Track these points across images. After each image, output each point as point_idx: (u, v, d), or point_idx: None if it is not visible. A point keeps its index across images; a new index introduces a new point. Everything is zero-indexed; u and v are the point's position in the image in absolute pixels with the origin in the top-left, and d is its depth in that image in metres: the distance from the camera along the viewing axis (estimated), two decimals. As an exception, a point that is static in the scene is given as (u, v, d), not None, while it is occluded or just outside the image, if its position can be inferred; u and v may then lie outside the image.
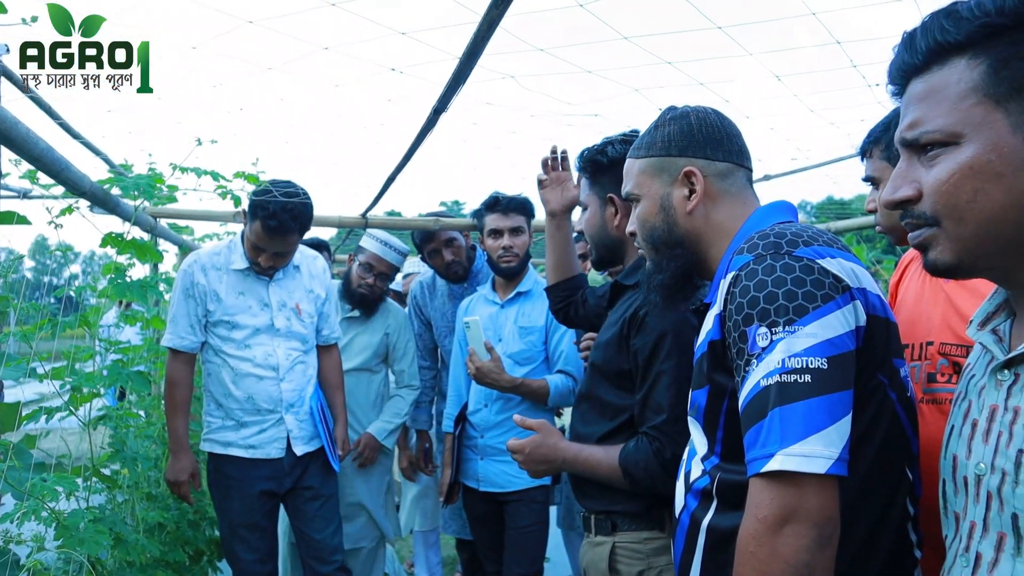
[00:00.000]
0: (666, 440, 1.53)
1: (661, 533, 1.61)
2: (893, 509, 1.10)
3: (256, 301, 2.65)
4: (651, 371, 1.59)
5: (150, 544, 2.13)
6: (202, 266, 2.65)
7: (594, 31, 2.23)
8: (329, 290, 2.88)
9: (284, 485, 2.68)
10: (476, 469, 2.73)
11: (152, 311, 3.28)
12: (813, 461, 0.94)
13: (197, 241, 3.96)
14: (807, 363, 0.98)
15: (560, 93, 3.11)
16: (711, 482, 1.17)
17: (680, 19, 2.34)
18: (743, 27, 2.33)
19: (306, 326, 2.74)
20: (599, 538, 1.67)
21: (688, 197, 1.29)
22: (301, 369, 2.71)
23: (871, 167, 1.57)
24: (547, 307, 2.75)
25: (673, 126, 1.33)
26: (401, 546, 4.73)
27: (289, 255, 2.65)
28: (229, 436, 2.64)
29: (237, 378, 2.61)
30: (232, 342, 2.62)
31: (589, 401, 1.76)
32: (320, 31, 2.71)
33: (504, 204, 2.81)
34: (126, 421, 2.57)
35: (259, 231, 2.51)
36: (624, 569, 1.61)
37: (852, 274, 1.06)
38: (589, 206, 1.88)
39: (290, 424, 2.66)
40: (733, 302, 1.08)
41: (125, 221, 2.57)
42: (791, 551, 0.94)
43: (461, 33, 1.60)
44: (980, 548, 0.81)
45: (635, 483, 1.58)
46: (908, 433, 1.12)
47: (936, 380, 1.40)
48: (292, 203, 2.48)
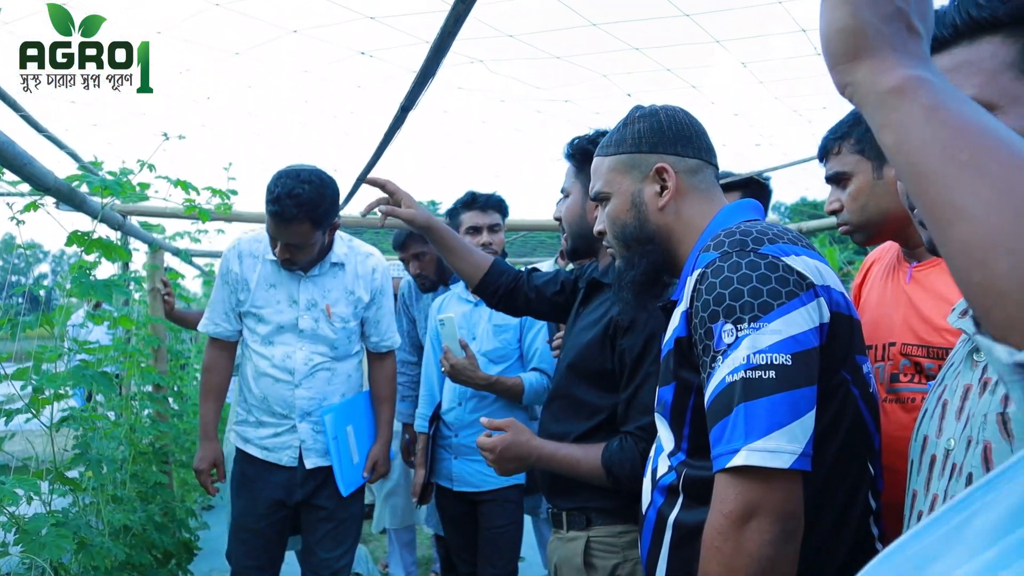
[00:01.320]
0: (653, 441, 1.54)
1: (635, 526, 1.61)
2: (855, 503, 1.11)
3: (285, 296, 2.49)
4: (639, 372, 1.59)
5: (116, 547, 2.09)
6: (239, 252, 2.52)
7: (563, 17, 2.23)
8: (379, 293, 2.63)
9: (295, 496, 2.53)
10: (450, 468, 2.73)
11: (122, 310, 3.23)
12: (777, 456, 0.95)
13: (168, 239, 3.91)
14: (772, 359, 0.98)
15: (529, 78, 3.12)
16: (677, 478, 1.18)
17: (649, 6, 2.34)
18: (712, 15, 2.35)
19: (336, 331, 2.52)
20: (572, 533, 1.67)
21: (660, 193, 1.30)
22: (325, 377, 2.52)
23: (839, 163, 1.53)
24: None
25: (643, 123, 1.34)
26: (375, 546, 4.71)
27: (307, 248, 2.40)
28: (249, 432, 2.54)
29: (257, 375, 2.50)
30: (257, 336, 2.50)
31: (563, 400, 1.76)
32: (288, 14, 2.67)
33: (482, 201, 2.83)
34: (93, 423, 2.53)
35: (267, 217, 2.35)
36: (599, 563, 1.62)
37: (816, 271, 1.07)
38: (572, 194, 1.87)
39: (303, 434, 2.49)
40: (699, 299, 1.08)
41: (92, 219, 2.52)
42: (755, 545, 0.95)
43: (431, 20, 1.60)
44: None
45: (618, 482, 1.57)
46: (870, 428, 1.14)
47: (899, 380, 1.42)
48: (298, 188, 2.27)
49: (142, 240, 3.51)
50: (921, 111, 0.55)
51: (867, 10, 0.59)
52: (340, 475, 2.54)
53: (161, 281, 3.53)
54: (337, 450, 2.53)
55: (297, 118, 4.30)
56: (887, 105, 0.57)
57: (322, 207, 2.32)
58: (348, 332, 2.56)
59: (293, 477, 2.51)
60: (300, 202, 2.26)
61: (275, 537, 2.55)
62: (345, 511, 2.59)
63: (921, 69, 0.58)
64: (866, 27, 0.59)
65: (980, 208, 0.49)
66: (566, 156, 1.91)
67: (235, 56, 2.24)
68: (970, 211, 0.50)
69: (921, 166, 0.54)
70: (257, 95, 3.17)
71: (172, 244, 3.99)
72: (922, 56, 0.59)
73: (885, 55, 0.58)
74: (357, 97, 3.86)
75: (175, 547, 2.93)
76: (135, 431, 3.00)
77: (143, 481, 2.95)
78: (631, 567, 1.59)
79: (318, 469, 2.53)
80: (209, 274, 5.84)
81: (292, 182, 2.28)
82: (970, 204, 0.50)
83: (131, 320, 3.04)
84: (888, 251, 1.62)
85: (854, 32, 0.59)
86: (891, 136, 0.56)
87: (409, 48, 2.15)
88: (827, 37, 0.61)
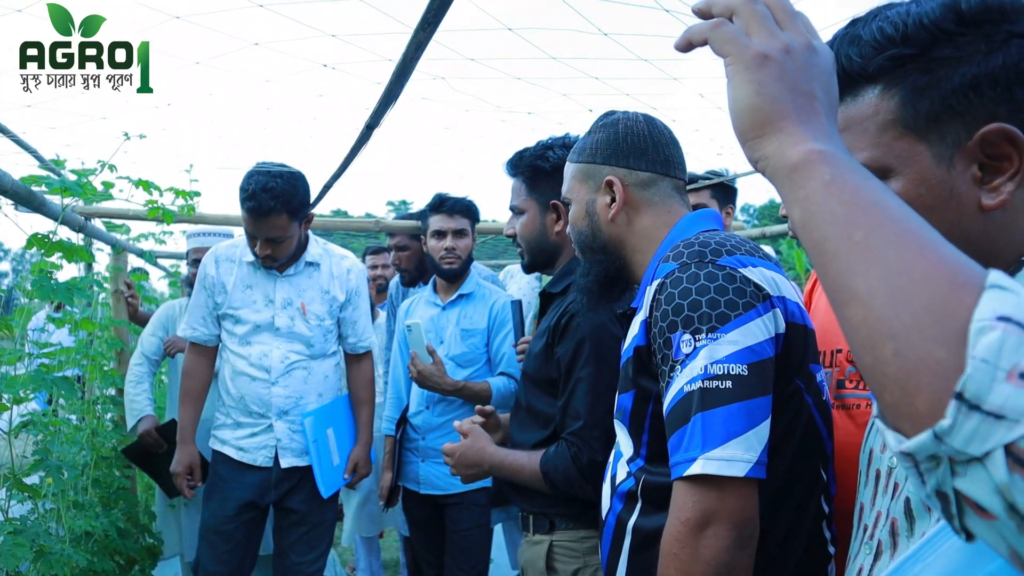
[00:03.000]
0: (583, 446, 1.56)
1: (597, 532, 1.63)
2: (809, 508, 1.14)
3: (261, 296, 2.53)
4: (571, 378, 1.62)
5: (76, 554, 2.06)
6: (216, 258, 2.56)
7: (522, 48, 2.26)
8: (354, 294, 2.67)
9: (267, 498, 2.53)
10: (417, 471, 2.72)
11: (85, 312, 3.18)
12: (733, 465, 0.97)
13: (133, 241, 3.85)
14: (728, 370, 1.01)
15: (491, 96, 3.14)
16: (636, 484, 1.20)
17: (609, 44, 2.37)
18: (671, 53, 2.39)
19: (311, 328, 2.55)
20: (537, 536, 1.69)
21: (609, 205, 1.32)
22: (301, 376, 2.54)
23: None
24: (489, 309, 2.77)
25: (601, 134, 1.36)
26: (343, 549, 4.69)
27: (286, 242, 2.44)
28: (226, 434, 2.55)
29: (234, 375, 2.52)
30: (235, 337, 2.53)
31: (523, 410, 1.78)
32: (249, 28, 2.66)
33: (449, 205, 2.81)
34: (54, 428, 2.49)
35: (244, 215, 2.40)
36: (561, 567, 1.64)
37: (773, 283, 1.10)
38: (527, 211, 1.89)
39: (279, 432, 2.51)
40: (658, 309, 1.10)
41: (53, 220, 2.48)
42: (712, 552, 0.97)
43: (392, 40, 1.61)
44: (882, 535, 0.83)
45: (555, 487, 1.60)
46: (823, 435, 1.16)
47: (845, 387, 1.45)
48: (271, 182, 2.34)
49: (105, 242, 3.46)
50: (822, 187, 0.55)
51: (772, 86, 0.60)
52: (321, 477, 2.55)
53: (124, 283, 3.48)
54: (318, 452, 2.54)
55: (260, 124, 4.27)
56: (793, 181, 0.57)
57: (297, 198, 2.40)
58: (324, 330, 2.59)
59: (268, 478, 2.52)
60: (275, 195, 2.33)
61: (244, 542, 2.53)
62: (319, 515, 2.60)
63: (824, 143, 0.58)
64: (772, 103, 0.59)
65: (868, 291, 0.49)
66: (511, 174, 1.92)
67: (195, 65, 2.23)
68: (860, 293, 0.49)
69: (822, 244, 0.53)
70: (219, 102, 3.15)
71: (136, 246, 3.93)
72: (826, 129, 0.60)
73: (791, 130, 0.59)
74: (320, 105, 3.87)
75: (139, 552, 2.89)
76: (97, 435, 2.96)
77: (106, 486, 2.91)
78: (592, 572, 1.61)
79: (293, 470, 2.53)
80: (175, 275, 5.76)
81: (264, 178, 2.34)
82: (861, 286, 0.49)
83: (94, 323, 2.99)
84: None
85: (760, 109, 0.60)
86: (797, 212, 0.56)
87: (371, 64, 2.16)
88: (735, 114, 0.61)
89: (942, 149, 0.73)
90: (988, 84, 0.70)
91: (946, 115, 0.72)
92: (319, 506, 2.59)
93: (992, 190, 0.71)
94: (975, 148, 0.71)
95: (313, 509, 2.58)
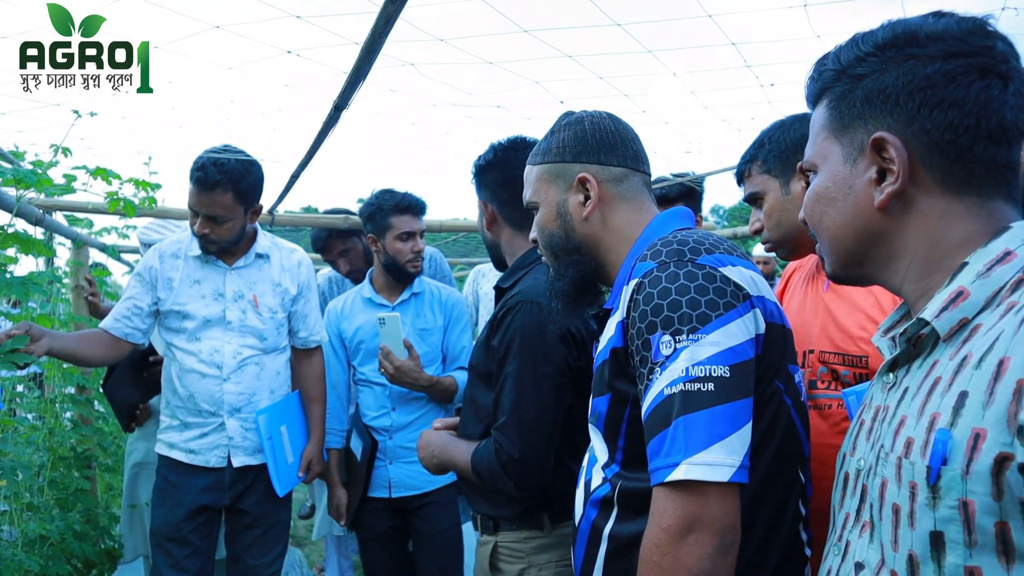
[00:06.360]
0: (504, 441, 1.55)
1: (540, 532, 1.63)
2: (787, 511, 1.12)
3: (211, 290, 2.44)
4: (502, 372, 1.61)
5: (29, 559, 1.98)
6: (160, 253, 2.47)
7: (495, 23, 2.21)
8: (305, 287, 2.60)
9: (223, 500, 2.45)
10: (387, 475, 2.64)
11: (44, 308, 3.08)
12: (717, 470, 0.95)
13: (95, 235, 3.74)
14: (710, 371, 0.98)
15: (461, 83, 3.09)
16: (612, 490, 1.17)
17: (581, 14, 2.34)
18: (646, 25, 2.37)
19: (264, 321, 2.47)
20: (484, 537, 1.71)
21: (583, 203, 1.29)
22: (254, 372, 2.46)
23: (751, 184, 1.60)
24: (443, 306, 2.73)
25: (567, 132, 1.32)
26: (311, 550, 4.61)
27: (227, 224, 2.36)
28: (173, 437, 2.44)
29: (182, 373, 2.42)
30: (183, 334, 2.42)
31: (468, 402, 1.78)
32: (209, 10, 2.58)
33: (417, 207, 2.74)
34: (8, 427, 2.40)
35: (190, 188, 2.32)
36: (505, 568, 1.64)
37: (752, 282, 1.08)
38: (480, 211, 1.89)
39: (232, 430, 2.42)
40: (636, 309, 1.07)
41: (8, 212, 2.39)
42: (694, 559, 0.95)
43: (359, 20, 1.56)
44: (849, 537, 0.86)
45: (482, 481, 1.60)
46: (801, 437, 1.15)
47: (816, 387, 1.46)
48: (223, 158, 2.28)
49: (64, 235, 3.34)
50: None
51: None
52: (276, 476, 2.48)
53: (85, 279, 3.37)
54: (272, 450, 2.47)
55: (223, 114, 4.15)
56: None
57: (247, 180, 2.35)
58: (277, 323, 2.52)
59: (221, 480, 2.43)
60: (224, 171, 2.29)
61: (203, 547, 2.44)
62: (274, 516, 2.53)
63: None
64: None
65: None
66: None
67: (154, 50, 2.16)
68: None
69: None
70: (179, 90, 3.06)
71: (99, 240, 3.82)
72: None
73: None
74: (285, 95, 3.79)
75: (97, 556, 2.81)
76: (55, 435, 2.86)
77: (63, 488, 2.81)
78: (536, 573, 1.59)
79: (247, 470, 2.46)
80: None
81: (217, 154, 2.31)
82: None
83: (52, 319, 2.90)
84: (809, 259, 1.67)
85: None
86: None
87: (337, 48, 2.10)
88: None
89: (850, 151, 0.85)
90: (879, 97, 0.82)
91: (854, 122, 0.84)
92: (273, 506, 2.53)
93: (880, 192, 0.82)
94: (872, 153, 0.82)
95: (267, 510, 2.51)
